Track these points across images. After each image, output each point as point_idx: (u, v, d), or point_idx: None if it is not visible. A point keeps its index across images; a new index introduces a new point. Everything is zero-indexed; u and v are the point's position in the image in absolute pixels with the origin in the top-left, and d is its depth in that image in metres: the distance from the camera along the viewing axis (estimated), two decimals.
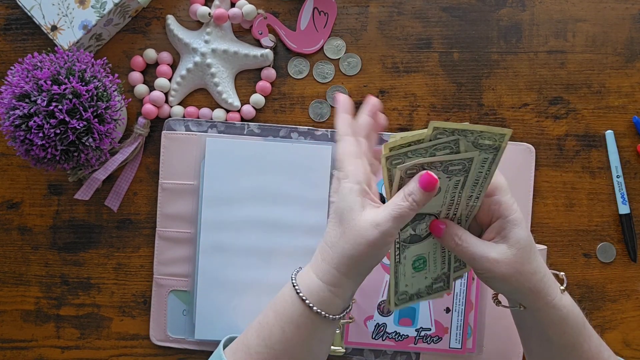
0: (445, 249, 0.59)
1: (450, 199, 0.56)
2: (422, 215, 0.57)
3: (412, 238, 0.57)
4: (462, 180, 0.54)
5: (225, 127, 0.75)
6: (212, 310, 0.73)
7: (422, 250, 0.59)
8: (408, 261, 0.58)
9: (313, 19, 0.76)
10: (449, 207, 0.56)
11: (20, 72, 0.65)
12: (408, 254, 0.58)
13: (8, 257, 0.77)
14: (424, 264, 0.59)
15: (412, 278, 0.60)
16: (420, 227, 0.57)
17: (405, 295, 0.60)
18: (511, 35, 0.77)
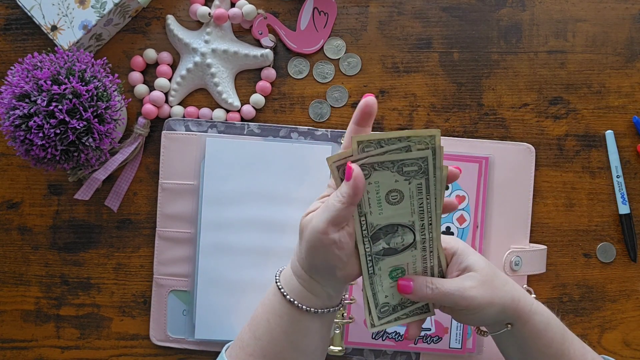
0: (427, 261, 0.57)
1: (419, 205, 0.53)
2: (395, 227, 0.54)
3: (387, 251, 0.55)
4: (423, 183, 0.52)
5: (225, 127, 0.75)
6: (212, 310, 0.73)
7: (399, 261, 0.56)
8: (384, 272, 0.56)
9: (313, 19, 0.76)
10: (421, 216, 0.54)
11: (20, 72, 0.65)
12: (383, 266, 0.56)
13: (8, 257, 0.77)
14: (402, 274, 0.57)
15: (392, 288, 0.57)
16: (395, 240, 0.55)
17: (387, 307, 0.58)
18: (511, 35, 0.77)
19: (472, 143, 0.75)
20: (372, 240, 0.54)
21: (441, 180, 0.52)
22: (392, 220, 0.54)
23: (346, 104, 0.77)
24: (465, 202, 0.75)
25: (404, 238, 0.55)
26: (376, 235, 0.54)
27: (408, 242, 0.55)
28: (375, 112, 0.53)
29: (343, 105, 0.77)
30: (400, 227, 0.54)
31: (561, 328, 0.60)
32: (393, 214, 0.53)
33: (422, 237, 0.55)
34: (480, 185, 0.74)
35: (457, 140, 0.75)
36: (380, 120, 0.76)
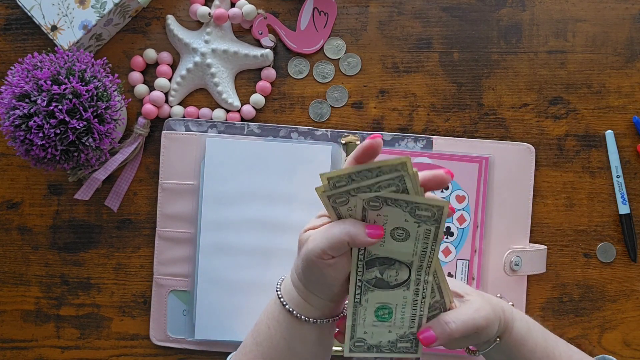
0: (417, 307, 0.54)
1: (422, 249, 0.51)
2: (392, 261, 0.52)
3: (378, 282, 0.53)
4: (433, 230, 0.50)
5: (225, 127, 0.75)
6: (212, 310, 0.73)
7: (389, 299, 0.53)
8: (370, 306, 0.53)
9: (313, 19, 0.76)
10: (422, 258, 0.52)
11: (20, 72, 0.65)
12: (371, 298, 0.53)
13: (8, 257, 0.77)
14: (389, 315, 0.54)
15: (374, 327, 0.54)
16: (389, 273, 0.52)
17: (362, 344, 0.55)
18: (511, 35, 0.77)
19: (472, 143, 0.75)
20: (366, 265, 0.52)
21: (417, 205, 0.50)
22: (391, 255, 0.52)
23: (346, 104, 0.77)
24: (465, 202, 0.75)
25: (399, 273, 0.52)
26: (371, 262, 0.52)
27: (402, 279, 0.53)
28: (379, 153, 0.51)
29: (343, 105, 0.77)
30: (397, 262, 0.52)
31: (541, 330, 0.60)
32: (394, 249, 0.52)
33: (418, 277, 0.53)
34: (480, 185, 0.74)
35: (457, 140, 0.75)
36: (380, 120, 0.76)
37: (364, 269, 0.52)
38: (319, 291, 0.55)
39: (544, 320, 0.77)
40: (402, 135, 0.75)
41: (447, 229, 0.75)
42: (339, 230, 0.50)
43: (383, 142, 0.74)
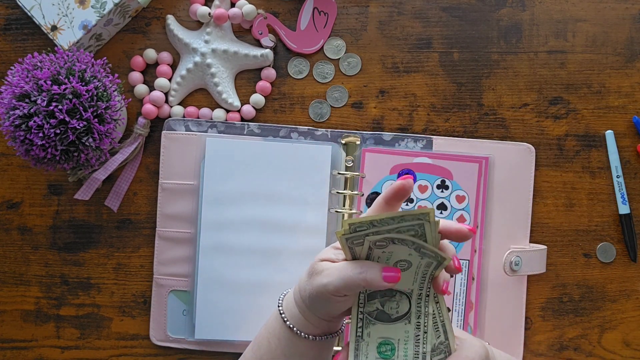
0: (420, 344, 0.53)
1: (422, 276, 0.52)
2: (393, 292, 0.53)
3: (380, 315, 0.53)
4: (434, 264, 0.51)
5: (225, 127, 0.75)
6: (212, 310, 0.73)
7: (391, 334, 0.53)
8: (372, 341, 0.53)
9: (313, 19, 0.76)
10: (421, 287, 0.52)
11: (20, 72, 0.65)
12: (373, 333, 0.53)
13: (8, 257, 0.77)
14: (392, 351, 0.53)
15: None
16: (390, 305, 0.52)
17: None
18: (511, 35, 0.77)
19: (472, 143, 0.75)
20: (367, 297, 0.53)
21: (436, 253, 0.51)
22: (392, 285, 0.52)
23: (346, 104, 0.77)
24: (465, 202, 0.75)
25: (400, 305, 0.52)
26: (373, 294, 0.53)
27: (403, 311, 0.53)
28: (409, 195, 0.53)
29: (343, 105, 0.77)
30: (398, 293, 0.53)
31: None
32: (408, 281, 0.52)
33: (418, 309, 0.52)
34: (480, 186, 0.74)
35: (457, 140, 0.76)
36: (380, 121, 0.76)
37: (365, 300, 0.53)
38: (321, 314, 0.55)
39: (544, 321, 0.77)
40: (402, 135, 0.75)
41: None
42: (356, 273, 0.51)
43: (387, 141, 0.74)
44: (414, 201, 0.74)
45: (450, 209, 0.75)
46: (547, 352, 0.77)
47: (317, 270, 0.54)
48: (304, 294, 0.55)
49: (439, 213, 0.75)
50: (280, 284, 0.73)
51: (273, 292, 0.73)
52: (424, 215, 0.49)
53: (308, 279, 0.55)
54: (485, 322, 0.75)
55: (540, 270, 0.76)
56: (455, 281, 0.74)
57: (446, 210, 0.75)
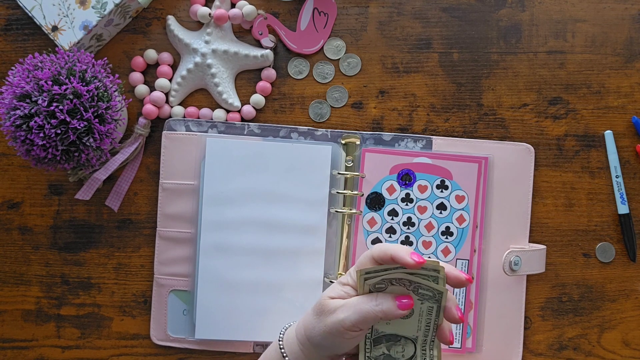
0: None
1: (425, 324, 0.54)
2: (398, 337, 0.55)
3: (386, 358, 0.55)
4: (435, 308, 0.53)
5: (225, 127, 0.75)
6: (213, 310, 0.74)
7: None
8: None
9: (313, 19, 0.76)
10: (426, 334, 0.55)
11: (21, 73, 0.65)
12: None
13: (9, 257, 0.77)
14: None
15: None
16: (396, 349, 0.55)
17: None
18: (511, 36, 0.77)
19: (471, 143, 0.76)
20: (373, 342, 0.55)
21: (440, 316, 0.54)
22: (397, 331, 0.55)
23: (346, 104, 0.77)
24: (464, 202, 0.75)
25: (405, 349, 0.55)
26: (378, 340, 0.55)
27: (409, 354, 0.55)
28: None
29: (343, 105, 0.77)
30: (403, 338, 0.55)
31: None
32: (399, 326, 0.54)
33: (423, 352, 0.55)
34: (479, 186, 0.75)
35: (456, 140, 0.76)
36: (380, 121, 0.77)
37: (372, 346, 0.55)
38: (327, 353, 0.56)
39: (544, 320, 0.77)
40: (401, 135, 0.76)
41: (447, 229, 0.75)
42: (372, 305, 0.53)
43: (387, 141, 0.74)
44: (413, 201, 0.75)
45: (450, 209, 0.75)
46: (546, 351, 0.77)
47: (329, 308, 0.54)
48: (311, 332, 0.56)
49: (438, 213, 0.75)
50: (280, 283, 0.74)
51: (273, 292, 0.74)
52: (435, 272, 0.51)
53: (318, 317, 0.55)
54: (484, 322, 0.75)
55: (540, 270, 0.76)
56: None
57: (446, 210, 0.75)
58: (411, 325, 0.54)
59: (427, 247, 0.75)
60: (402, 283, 0.53)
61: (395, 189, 0.75)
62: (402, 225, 0.75)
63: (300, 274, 0.74)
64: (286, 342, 0.58)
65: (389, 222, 0.75)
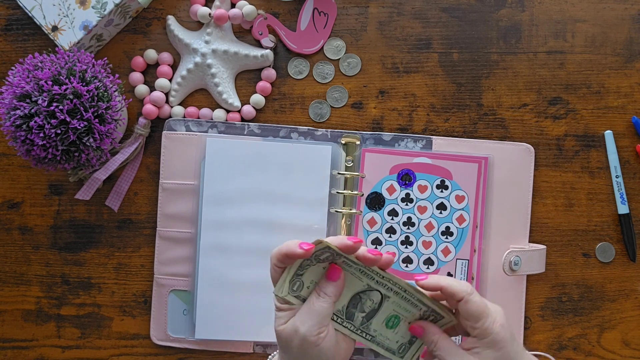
0: (417, 307, 0.56)
1: (359, 272, 0.55)
2: (357, 297, 0.56)
3: (368, 315, 0.56)
4: (350, 259, 0.54)
5: (225, 127, 0.75)
6: (213, 310, 0.74)
7: (386, 313, 0.57)
8: (380, 328, 0.57)
9: (313, 19, 0.76)
10: (369, 276, 0.55)
11: (21, 73, 0.65)
12: (375, 325, 0.57)
13: (9, 257, 0.77)
14: (397, 319, 0.57)
15: (395, 334, 0.57)
16: (367, 304, 0.56)
17: (404, 346, 0.58)
18: (510, 36, 0.77)
19: (471, 143, 0.76)
20: (348, 319, 0.56)
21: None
22: (350, 295, 0.55)
23: (346, 104, 0.77)
24: (464, 202, 0.75)
25: (372, 298, 0.56)
26: (349, 313, 0.56)
27: (378, 298, 0.56)
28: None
29: (343, 105, 0.77)
30: (361, 294, 0.56)
31: None
32: (349, 289, 0.55)
33: (386, 288, 0.55)
34: (479, 185, 0.75)
35: (456, 140, 0.76)
36: (380, 121, 0.77)
37: (350, 322, 0.56)
38: None
39: (544, 320, 0.77)
40: (401, 135, 0.76)
41: (447, 229, 0.75)
42: (318, 300, 0.54)
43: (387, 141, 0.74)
44: (413, 201, 0.75)
45: (450, 209, 0.75)
46: (546, 351, 0.77)
47: (289, 335, 0.54)
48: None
49: (438, 213, 0.75)
50: None
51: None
52: (327, 248, 0.53)
53: (287, 350, 0.55)
54: None
55: (540, 270, 0.76)
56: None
57: (446, 210, 0.75)
58: (351, 282, 0.55)
59: (427, 247, 0.75)
60: (312, 269, 0.54)
61: (395, 189, 0.75)
62: (402, 225, 0.75)
63: None
64: None
65: (389, 222, 0.75)
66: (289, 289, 0.54)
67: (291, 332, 0.54)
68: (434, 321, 0.56)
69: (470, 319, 0.55)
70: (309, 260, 0.53)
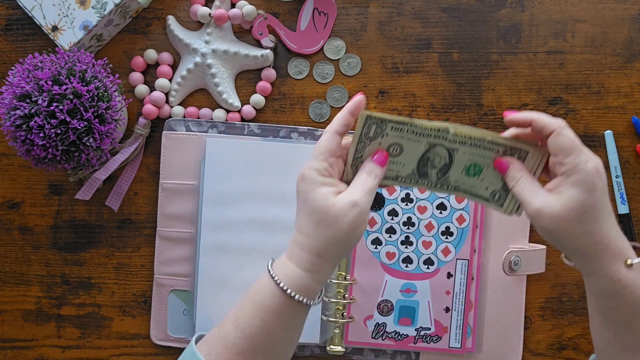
0: (489, 149, 0.56)
1: (415, 134, 0.55)
2: (425, 158, 0.56)
3: (443, 169, 0.57)
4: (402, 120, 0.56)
5: (225, 127, 0.75)
6: (213, 310, 0.74)
7: (461, 165, 0.56)
8: (461, 180, 0.57)
9: (313, 19, 0.76)
10: (428, 134, 0.55)
11: (21, 73, 0.65)
12: (454, 178, 0.57)
13: (9, 257, 0.77)
14: (477, 166, 0.56)
15: (482, 181, 0.57)
16: (436, 160, 0.56)
17: (498, 194, 0.57)
18: (510, 36, 0.77)
19: None
20: (423, 178, 0.57)
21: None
22: (415, 159, 0.56)
23: (346, 104, 0.77)
24: (464, 202, 0.75)
25: (439, 154, 0.56)
26: (421, 172, 0.57)
27: (445, 153, 0.56)
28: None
29: (343, 105, 0.77)
30: (426, 155, 0.56)
31: (638, 303, 0.53)
32: (408, 157, 0.56)
33: (447, 140, 0.55)
34: None
35: None
36: None
37: (426, 180, 0.57)
38: (338, 255, 0.55)
39: (543, 320, 0.77)
40: None
41: (447, 229, 0.75)
42: (370, 180, 0.56)
43: None
44: (413, 201, 0.75)
45: (450, 208, 0.75)
46: (546, 351, 0.77)
47: (332, 213, 0.53)
48: (320, 246, 0.54)
49: (438, 213, 0.75)
50: None
51: None
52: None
53: (323, 229, 0.54)
54: (484, 322, 0.75)
55: (540, 270, 0.76)
56: (455, 281, 0.75)
57: (446, 210, 0.75)
58: (413, 144, 0.56)
59: (427, 247, 0.75)
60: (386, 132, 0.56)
61: (395, 188, 0.75)
62: (402, 225, 0.75)
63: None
64: (282, 276, 0.55)
65: (389, 222, 0.75)
66: (352, 173, 0.57)
67: (348, 204, 0.53)
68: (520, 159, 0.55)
69: (560, 153, 0.52)
70: (361, 142, 0.56)
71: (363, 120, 0.54)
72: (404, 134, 0.55)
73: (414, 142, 0.55)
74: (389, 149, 0.56)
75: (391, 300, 0.75)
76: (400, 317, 0.75)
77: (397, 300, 0.75)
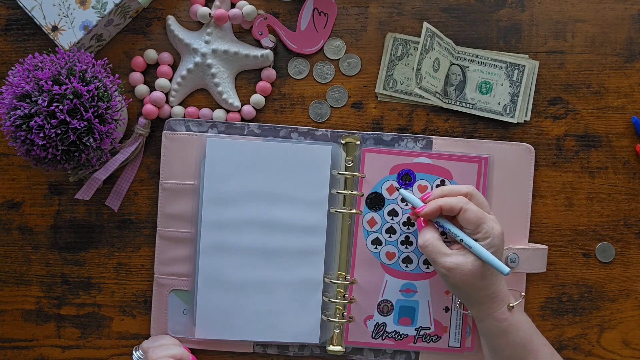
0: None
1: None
2: (447, 76, 0.73)
3: (458, 86, 0.71)
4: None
5: (225, 127, 0.75)
6: (213, 310, 0.74)
7: (474, 81, 0.73)
8: (477, 96, 0.72)
9: (313, 19, 0.76)
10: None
11: (21, 73, 0.65)
12: (470, 94, 0.72)
13: (9, 257, 0.77)
14: (487, 83, 0.73)
15: (493, 98, 0.74)
16: (452, 78, 0.73)
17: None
18: (510, 36, 0.77)
19: (471, 143, 0.76)
20: (445, 95, 0.74)
21: None
22: (444, 76, 0.74)
23: (346, 104, 0.77)
24: None
25: (455, 72, 0.73)
26: (444, 90, 0.74)
27: (459, 70, 0.73)
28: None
29: (343, 105, 0.77)
30: (448, 73, 0.73)
31: (524, 339, 0.67)
32: (441, 74, 0.73)
33: (460, 59, 0.74)
34: (479, 186, 0.75)
35: (456, 140, 0.76)
36: (380, 121, 0.77)
37: (447, 96, 0.74)
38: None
39: (543, 320, 0.77)
40: (401, 135, 0.76)
41: None
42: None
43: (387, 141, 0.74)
44: None
45: None
46: None
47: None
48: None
49: None
50: (280, 283, 0.74)
51: (273, 292, 0.74)
52: None
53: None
54: None
55: (541, 269, 0.76)
56: None
57: None
58: (444, 59, 0.73)
59: None
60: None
61: (395, 189, 0.75)
62: (402, 225, 0.75)
63: (300, 274, 0.74)
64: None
65: (389, 222, 0.75)
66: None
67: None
68: None
69: (470, 225, 0.66)
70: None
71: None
72: (442, 50, 0.70)
73: (443, 57, 0.70)
74: (434, 63, 0.72)
75: (391, 300, 0.75)
76: (400, 317, 0.75)
77: (397, 300, 0.75)
